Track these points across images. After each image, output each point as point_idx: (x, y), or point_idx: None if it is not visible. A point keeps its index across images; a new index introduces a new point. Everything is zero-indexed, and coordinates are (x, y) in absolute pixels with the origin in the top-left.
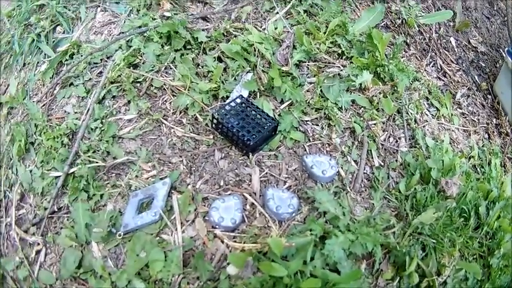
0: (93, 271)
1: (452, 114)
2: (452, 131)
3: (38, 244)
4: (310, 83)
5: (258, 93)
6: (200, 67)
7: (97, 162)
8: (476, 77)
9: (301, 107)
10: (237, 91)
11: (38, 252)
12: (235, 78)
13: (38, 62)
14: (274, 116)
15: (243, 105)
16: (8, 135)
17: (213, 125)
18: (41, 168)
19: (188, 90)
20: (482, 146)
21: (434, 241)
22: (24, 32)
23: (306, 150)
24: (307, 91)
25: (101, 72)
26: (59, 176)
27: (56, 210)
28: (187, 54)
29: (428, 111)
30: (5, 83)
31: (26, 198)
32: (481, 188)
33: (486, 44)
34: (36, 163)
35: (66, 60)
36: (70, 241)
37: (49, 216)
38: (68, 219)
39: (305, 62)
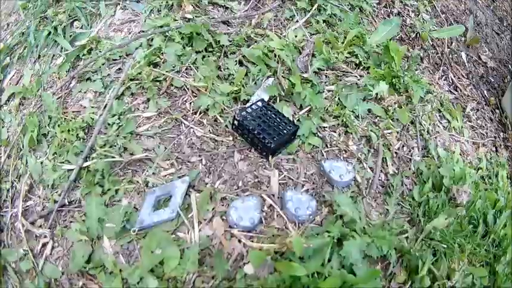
0: (103, 267)
1: (462, 127)
2: (462, 143)
3: (45, 237)
4: (329, 90)
5: (278, 98)
6: (221, 70)
7: (113, 157)
8: (485, 92)
9: (319, 113)
10: (257, 95)
11: (44, 245)
12: (255, 83)
13: (53, 55)
14: (294, 121)
15: (264, 108)
16: (19, 126)
17: (234, 127)
18: (53, 161)
19: (209, 91)
20: (490, 159)
21: (444, 246)
22: (40, 24)
23: (323, 155)
24: (326, 98)
25: (119, 69)
26: (72, 169)
27: (67, 203)
28: (208, 56)
29: (440, 123)
30: (17, 74)
31: (35, 189)
32: (489, 197)
33: (495, 60)
34: (48, 155)
35: (84, 55)
36: (80, 235)
37: (58, 209)
38: (79, 213)
39: (324, 70)
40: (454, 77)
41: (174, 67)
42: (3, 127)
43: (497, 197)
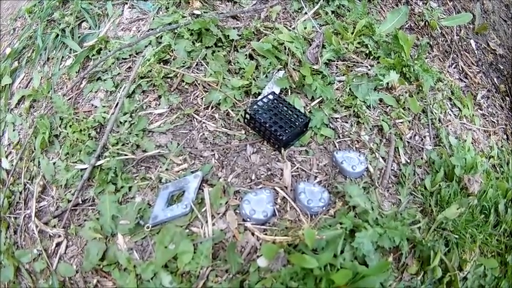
0: (117, 263)
1: (473, 115)
2: (474, 131)
3: (59, 236)
4: (340, 81)
5: (289, 91)
6: (232, 64)
7: (126, 155)
8: (495, 79)
9: (331, 104)
10: (269, 88)
11: (58, 244)
12: (266, 76)
13: (62, 57)
14: (305, 112)
15: (275, 101)
16: (31, 128)
17: (246, 120)
18: (66, 161)
19: (220, 86)
20: (501, 147)
21: (456, 236)
22: (47, 27)
23: (335, 146)
24: (337, 89)
25: (129, 68)
26: (85, 168)
27: (80, 202)
28: (218, 51)
29: (451, 111)
30: (27, 77)
31: (48, 190)
32: (500, 187)
33: (504, 47)
34: (61, 155)
35: (93, 55)
36: (94, 233)
37: (72, 208)
38: (92, 212)
39: (334, 61)
40: (464, 64)
41: (184, 63)
42: (14, 130)
43: (508, 186)
